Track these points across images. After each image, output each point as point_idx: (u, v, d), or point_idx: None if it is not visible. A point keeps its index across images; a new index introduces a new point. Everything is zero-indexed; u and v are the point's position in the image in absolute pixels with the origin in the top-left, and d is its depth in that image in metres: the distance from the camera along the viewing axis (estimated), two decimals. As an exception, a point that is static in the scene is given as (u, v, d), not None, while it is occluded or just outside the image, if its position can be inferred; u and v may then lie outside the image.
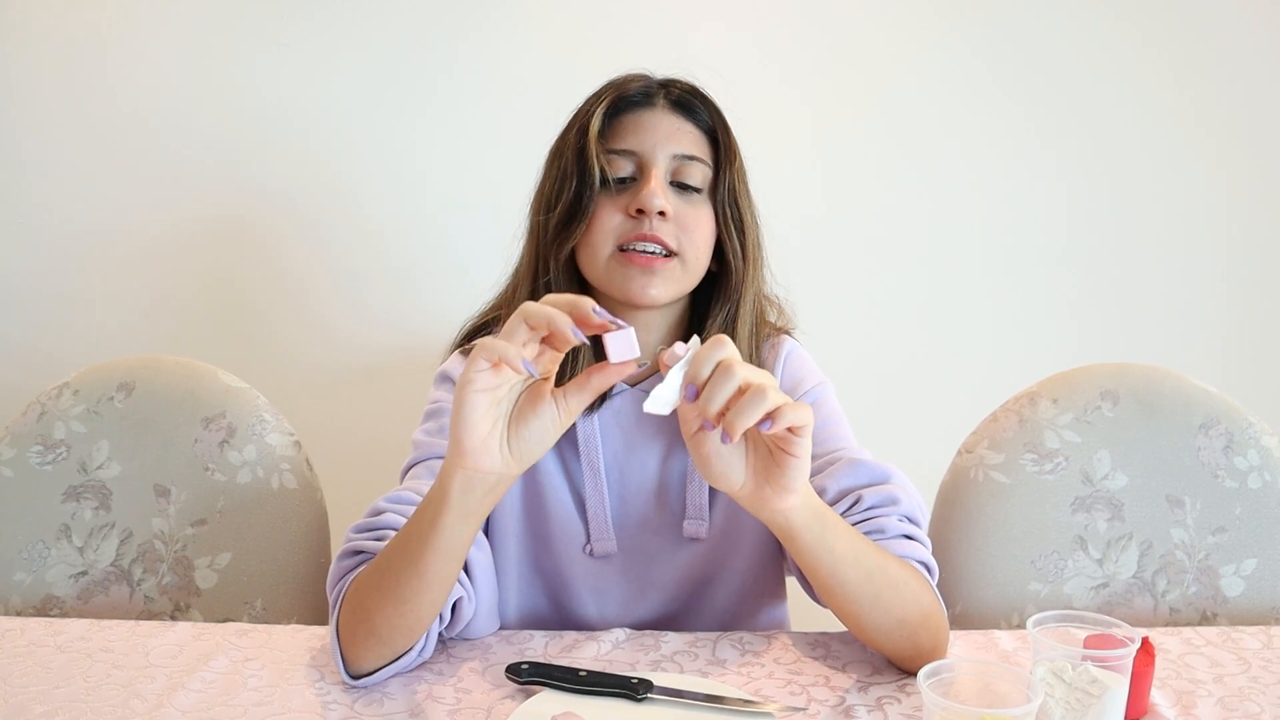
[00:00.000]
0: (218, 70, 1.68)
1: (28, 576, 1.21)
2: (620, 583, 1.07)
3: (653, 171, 0.99)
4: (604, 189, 1.00)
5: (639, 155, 1.01)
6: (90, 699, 0.90)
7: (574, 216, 1.00)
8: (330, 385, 1.75)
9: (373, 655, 0.89)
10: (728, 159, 1.03)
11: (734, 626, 1.10)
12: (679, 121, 1.03)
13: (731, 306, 1.04)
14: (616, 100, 1.02)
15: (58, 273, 1.74)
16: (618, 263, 0.99)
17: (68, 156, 1.71)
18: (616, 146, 1.01)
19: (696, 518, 1.05)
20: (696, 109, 1.04)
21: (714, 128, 1.04)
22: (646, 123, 1.02)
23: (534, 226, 1.05)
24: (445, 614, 0.94)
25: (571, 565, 1.06)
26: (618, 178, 1.00)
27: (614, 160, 1.01)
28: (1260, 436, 1.18)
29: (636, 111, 1.03)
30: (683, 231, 1.00)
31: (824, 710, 0.88)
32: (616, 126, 1.02)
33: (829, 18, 1.68)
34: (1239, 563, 1.16)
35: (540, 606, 1.09)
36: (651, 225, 0.98)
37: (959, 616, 1.18)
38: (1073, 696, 0.78)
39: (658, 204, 0.98)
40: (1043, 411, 1.21)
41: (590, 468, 1.05)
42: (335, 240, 1.73)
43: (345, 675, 0.90)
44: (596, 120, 1.01)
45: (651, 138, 1.01)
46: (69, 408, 1.25)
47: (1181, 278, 1.75)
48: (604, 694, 0.89)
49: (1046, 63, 1.69)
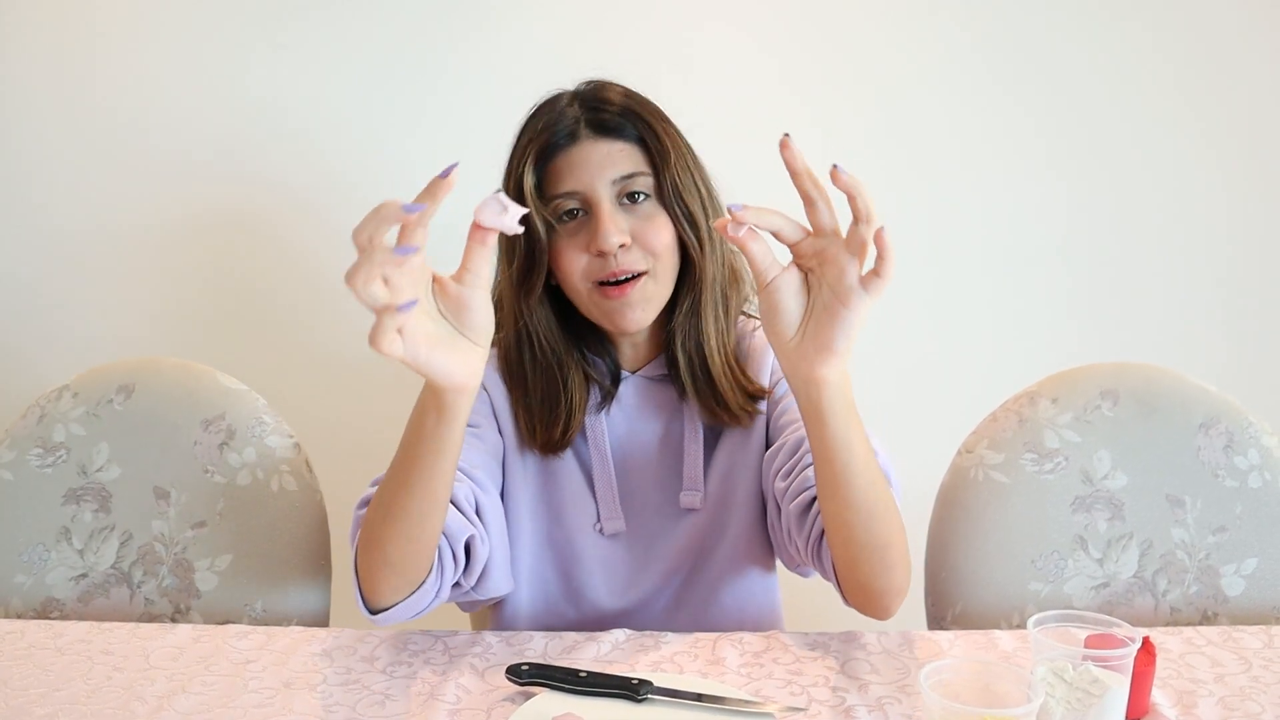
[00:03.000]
0: (216, 70, 1.68)
1: (28, 579, 1.21)
2: (626, 558, 1.12)
3: (601, 208, 1.02)
4: (561, 227, 1.04)
5: (580, 193, 1.03)
6: (91, 701, 0.90)
7: (532, 267, 1.05)
8: (330, 387, 1.75)
9: (389, 587, 0.92)
10: (663, 161, 1.05)
11: (727, 596, 1.12)
12: (607, 145, 1.04)
13: (695, 294, 1.07)
14: (540, 150, 1.05)
15: (56, 275, 1.74)
16: (598, 297, 1.04)
17: (66, 157, 1.71)
18: (556, 192, 1.04)
19: (692, 489, 1.11)
20: (621, 126, 1.05)
21: (641, 137, 1.06)
22: (577, 159, 1.04)
23: (503, 282, 1.09)
24: (460, 555, 0.96)
25: (583, 542, 1.11)
26: (567, 211, 1.04)
27: (558, 204, 1.04)
28: (1260, 436, 1.18)
29: (564, 151, 1.04)
30: (646, 249, 1.03)
31: (824, 710, 0.88)
32: (550, 173, 1.05)
33: (829, 17, 1.68)
34: (1240, 562, 1.16)
35: (549, 581, 1.13)
36: (616, 261, 1.02)
37: (959, 616, 1.18)
38: (1073, 696, 0.78)
39: (614, 241, 1.01)
40: (1042, 411, 1.21)
41: (598, 454, 1.11)
42: (335, 241, 1.73)
43: (365, 612, 0.94)
44: (529, 176, 1.04)
45: (586, 173, 1.03)
46: (68, 410, 1.25)
47: (1181, 277, 1.74)
48: (604, 695, 0.89)
49: (1047, 62, 1.69)
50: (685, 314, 1.08)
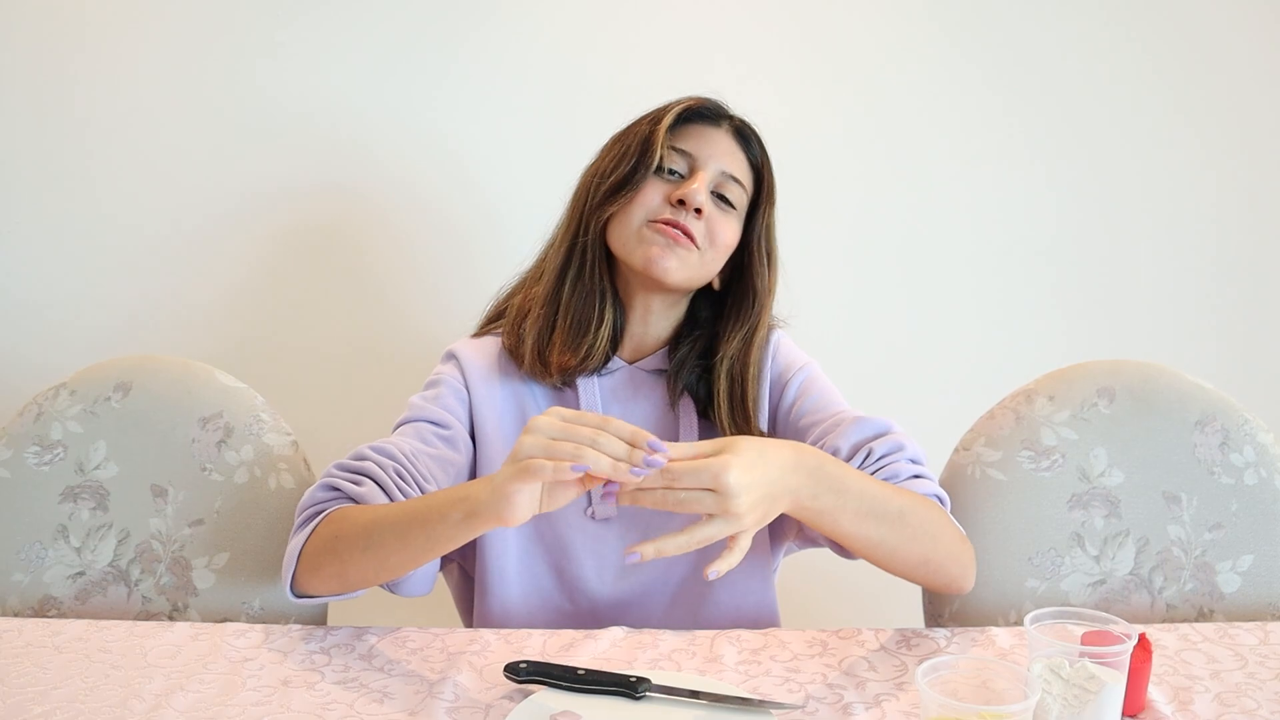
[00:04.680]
0: (215, 69, 1.68)
1: (25, 577, 1.21)
2: (618, 546, 1.13)
3: (701, 174, 1.11)
4: (656, 174, 1.11)
5: (694, 158, 1.12)
6: (88, 699, 0.90)
7: (622, 186, 1.11)
8: (327, 385, 1.75)
9: (326, 590, 1.00)
10: (768, 196, 1.16)
11: (724, 593, 1.13)
12: (735, 146, 1.14)
13: (750, 328, 1.15)
14: (690, 108, 1.13)
15: (53, 273, 1.73)
16: (644, 233, 1.10)
17: (64, 156, 1.70)
18: (678, 145, 1.12)
19: None
20: (752, 143, 1.16)
21: (761, 165, 1.16)
22: (708, 135, 1.13)
23: (581, 190, 1.16)
24: None
25: (574, 530, 1.12)
26: (670, 169, 1.12)
27: (671, 154, 1.12)
28: (1256, 433, 1.18)
29: (702, 124, 1.14)
30: (710, 233, 1.11)
31: (822, 708, 0.88)
32: (682, 130, 1.13)
33: (817, 17, 1.68)
34: (1235, 559, 1.16)
35: (541, 575, 1.13)
36: (686, 217, 1.09)
37: (956, 613, 1.18)
38: (1070, 693, 0.79)
39: (698, 199, 1.09)
40: (1039, 409, 1.21)
41: None
42: (333, 239, 1.73)
43: (289, 592, 1.01)
44: (670, 116, 1.11)
45: (709, 148, 1.12)
46: (66, 408, 1.25)
47: (1177, 274, 1.75)
48: (602, 692, 0.89)
49: (1039, 59, 1.69)
50: (739, 343, 1.14)
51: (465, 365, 1.17)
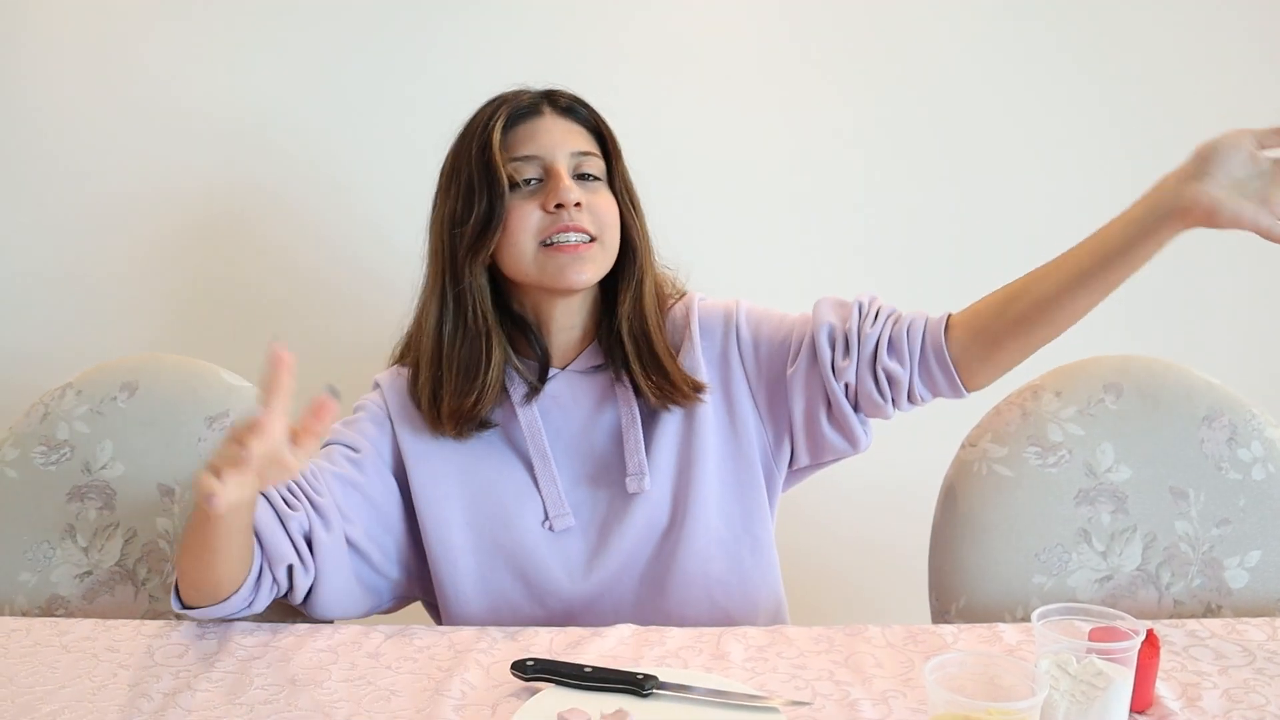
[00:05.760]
0: (218, 68, 1.68)
1: (33, 577, 1.21)
2: (582, 548, 1.12)
3: (557, 168, 1.09)
4: (514, 192, 1.09)
5: (541, 159, 1.09)
6: (96, 699, 0.90)
7: (489, 225, 1.08)
8: (332, 383, 1.75)
9: (191, 595, 1.01)
10: (614, 149, 1.15)
11: (718, 571, 1.11)
12: (568, 124, 1.13)
13: (636, 283, 1.14)
14: (510, 113, 1.11)
15: (59, 273, 1.74)
16: (545, 256, 1.08)
17: (67, 155, 1.71)
18: (518, 154, 1.10)
19: (636, 473, 1.11)
20: (579, 111, 1.14)
21: (597, 125, 1.15)
22: (540, 128, 1.11)
23: (438, 241, 1.13)
24: (281, 579, 1.04)
25: (533, 540, 1.11)
26: (525, 179, 1.09)
27: (518, 166, 1.09)
28: (1264, 428, 1.18)
29: (528, 121, 1.11)
30: (597, 217, 1.09)
31: (828, 704, 0.88)
32: (512, 138, 1.11)
33: (810, 14, 1.67)
34: (1243, 555, 1.16)
35: (505, 582, 1.12)
36: (570, 216, 1.07)
37: (963, 610, 1.18)
38: (1077, 689, 0.79)
39: (573, 196, 1.07)
40: (1046, 404, 1.21)
41: (538, 453, 1.12)
42: (337, 237, 1.73)
43: (176, 604, 1.03)
44: (497, 132, 1.09)
45: (549, 140, 1.10)
46: (72, 408, 1.25)
47: (1184, 269, 1.74)
48: (609, 690, 0.89)
49: (1039, 57, 1.68)
50: (630, 301, 1.13)
51: (388, 394, 1.17)
